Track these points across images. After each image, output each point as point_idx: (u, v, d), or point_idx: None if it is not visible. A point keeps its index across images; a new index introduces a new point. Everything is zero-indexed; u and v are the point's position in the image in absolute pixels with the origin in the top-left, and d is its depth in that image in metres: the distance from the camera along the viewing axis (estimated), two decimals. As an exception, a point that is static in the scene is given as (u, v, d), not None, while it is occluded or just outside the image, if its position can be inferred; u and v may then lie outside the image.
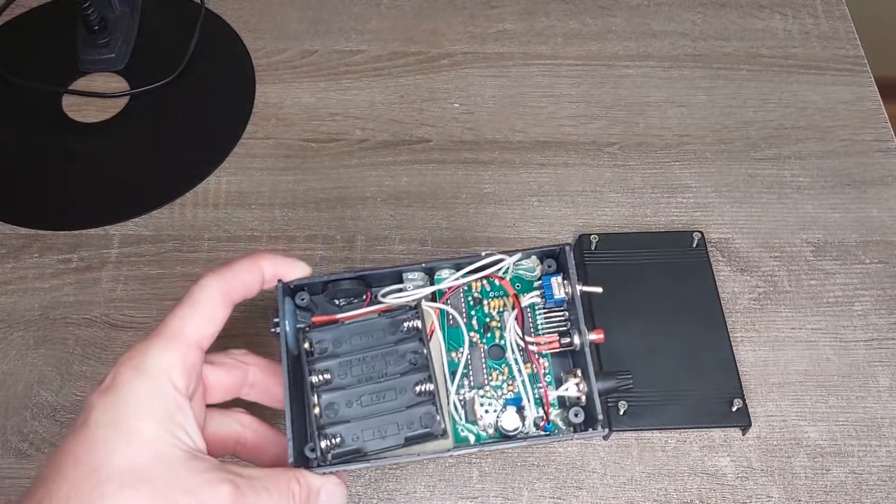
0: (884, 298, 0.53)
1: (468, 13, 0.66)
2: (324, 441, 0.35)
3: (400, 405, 0.37)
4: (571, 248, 0.39)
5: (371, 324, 0.38)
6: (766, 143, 0.60)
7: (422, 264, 0.40)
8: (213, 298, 0.36)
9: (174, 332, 0.35)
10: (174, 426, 0.33)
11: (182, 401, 0.33)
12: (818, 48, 0.65)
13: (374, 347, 0.38)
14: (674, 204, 0.57)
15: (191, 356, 0.35)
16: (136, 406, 0.32)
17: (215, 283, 0.36)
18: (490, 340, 0.40)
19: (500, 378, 0.39)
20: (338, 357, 0.37)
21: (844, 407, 0.49)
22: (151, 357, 0.34)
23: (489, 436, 0.38)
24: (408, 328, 0.38)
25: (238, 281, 0.37)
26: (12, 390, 0.49)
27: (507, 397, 0.39)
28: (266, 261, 0.38)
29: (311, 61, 0.63)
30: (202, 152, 0.59)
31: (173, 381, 0.33)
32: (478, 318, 0.40)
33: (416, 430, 0.36)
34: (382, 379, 0.37)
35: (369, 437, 0.36)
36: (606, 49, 0.65)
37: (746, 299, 0.53)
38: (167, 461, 0.32)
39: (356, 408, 0.37)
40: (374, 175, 0.58)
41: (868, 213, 0.56)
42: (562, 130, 0.60)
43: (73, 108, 0.60)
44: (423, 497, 0.46)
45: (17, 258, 0.54)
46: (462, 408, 0.38)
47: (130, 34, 0.63)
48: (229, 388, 0.38)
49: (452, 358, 0.39)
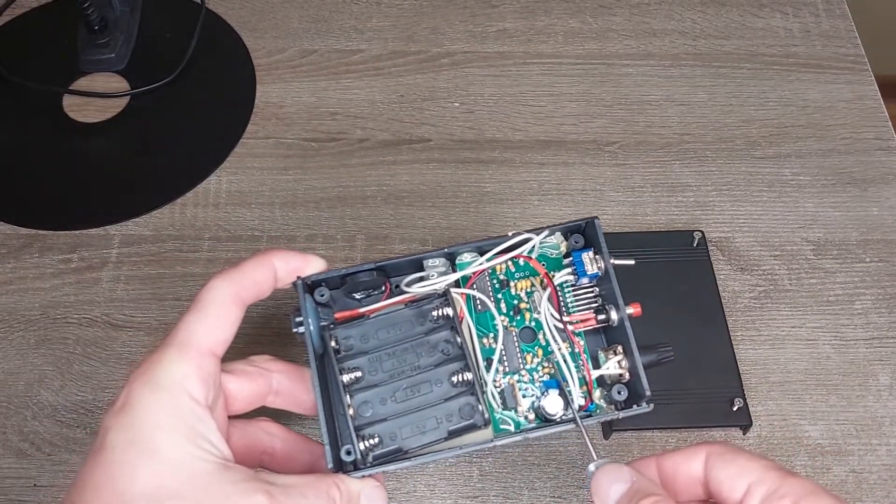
0: (884, 297, 0.53)
1: (468, 12, 0.66)
2: (361, 443, 0.34)
3: (437, 398, 0.35)
4: (599, 222, 0.37)
5: (397, 315, 0.37)
6: (766, 141, 0.60)
7: (443, 249, 0.38)
8: (222, 301, 0.34)
9: (185, 341, 0.33)
10: (198, 438, 0.31)
11: (202, 411, 0.32)
12: (819, 47, 0.65)
13: (403, 340, 0.36)
14: (674, 203, 0.57)
15: (206, 364, 0.33)
16: (154, 423, 0.31)
17: (224, 284, 0.35)
18: (520, 323, 0.38)
19: (534, 361, 0.38)
20: (367, 353, 0.36)
21: (845, 406, 0.49)
22: (164, 369, 0.32)
23: (529, 421, 0.37)
24: (437, 316, 0.36)
25: (248, 280, 0.36)
26: (13, 390, 0.49)
27: (544, 380, 0.37)
28: (277, 258, 0.37)
29: (312, 60, 0.63)
30: (202, 152, 0.59)
31: (190, 391, 0.32)
32: (506, 301, 0.39)
33: (456, 422, 0.35)
34: (416, 372, 0.36)
35: (408, 433, 0.35)
36: (607, 48, 0.65)
37: (747, 298, 0.53)
38: (195, 476, 0.30)
39: (391, 405, 0.35)
40: (374, 174, 0.58)
41: (868, 211, 0.56)
42: (562, 129, 0.60)
43: (74, 108, 0.60)
44: (424, 496, 0.46)
45: (18, 258, 0.54)
46: (500, 395, 0.37)
47: (131, 34, 0.63)
48: (253, 398, 0.37)
49: (484, 344, 0.38)
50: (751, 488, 0.31)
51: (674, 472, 0.33)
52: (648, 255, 0.52)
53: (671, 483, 0.33)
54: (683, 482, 0.33)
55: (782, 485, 0.30)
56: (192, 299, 0.35)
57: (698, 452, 0.33)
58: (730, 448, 0.33)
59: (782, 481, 0.31)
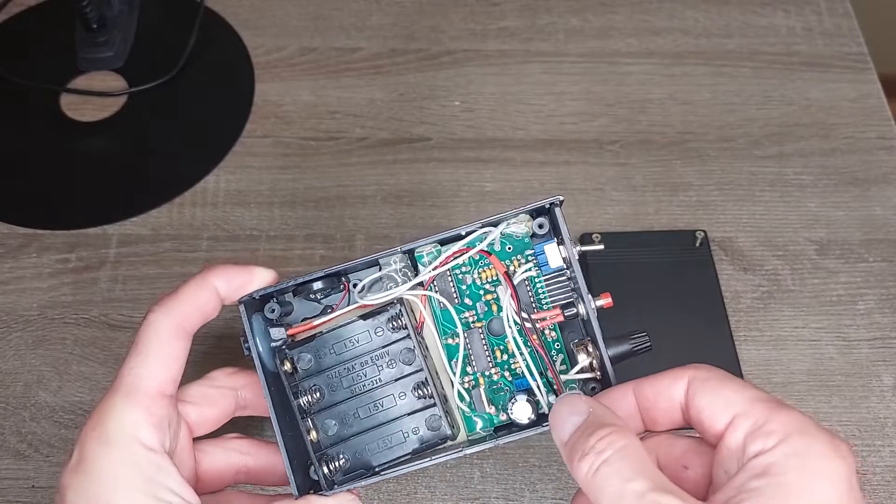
0: (887, 297, 0.52)
1: (469, 10, 0.66)
2: (325, 466, 0.34)
3: (402, 411, 0.34)
4: (561, 205, 0.35)
5: (354, 327, 0.35)
6: (768, 140, 0.59)
7: (398, 248, 0.36)
8: (164, 337, 0.33)
9: (131, 387, 0.32)
10: (156, 489, 0.31)
11: (158, 459, 0.31)
12: (821, 45, 0.64)
13: (361, 354, 0.35)
14: (676, 202, 0.56)
15: (157, 408, 0.32)
16: (109, 481, 0.30)
17: (163, 318, 0.33)
18: (488, 315, 0.37)
19: (504, 356, 0.36)
20: (324, 371, 0.35)
21: (848, 407, 0.49)
22: (114, 421, 0.31)
23: (502, 420, 0.36)
24: (394, 326, 0.35)
25: (188, 307, 0.34)
26: (10, 390, 0.49)
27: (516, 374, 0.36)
28: (217, 277, 0.35)
29: (311, 59, 0.63)
30: (201, 151, 0.58)
31: (143, 441, 0.31)
32: (470, 293, 0.37)
33: (423, 435, 0.34)
34: (377, 386, 0.35)
35: (376, 449, 0.34)
36: (608, 46, 0.64)
37: (749, 298, 0.52)
38: None
39: (355, 422, 0.34)
40: (373, 173, 0.57)
41: (871, 211, 0.56)
42: (563, 128, 0.60)
43: (72, 107, 0.60)
44: (424, 498, 0.46)
45: (16, 258, 0.53)
46: (469, 396, 0.36)
47: (129, 32, 0.63)
48: (219, 419, 0.36)
49: (450, 343, 0.36)
50: (735, 420, 0.29)
51: (654, 397, 0.31)
52: (650, 256, 0.52)
53: (650, 410, 0.31)
54: (663, 408, 0.31)
55: (770, 419, 0.28)
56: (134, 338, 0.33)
57: (680, 377, 0.31)
58: (715, 374, 0.30)
59: (770, 415, 0.28)
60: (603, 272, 0.51)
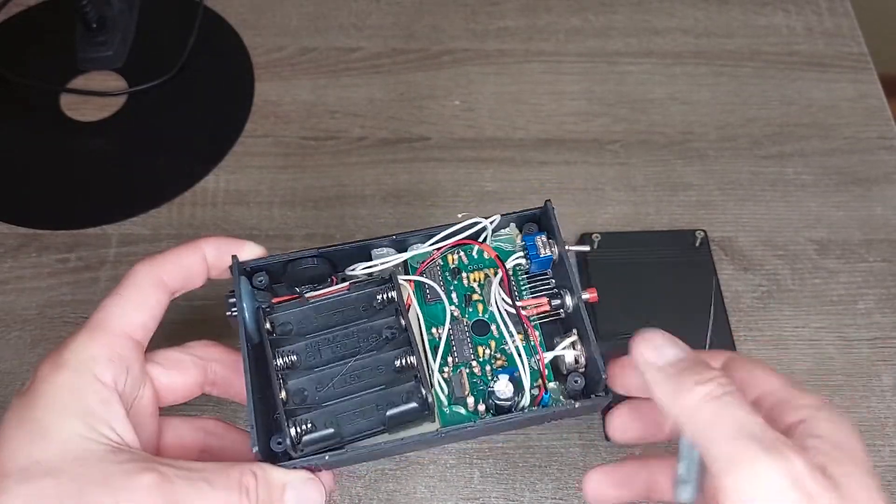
0: (888, 297, 0.52)
1: (469, 9, 0.66)
2: (292, 428, 0.32)
3: (378, 384, 0.33)
4: (553, 207, 0.36)
5: (340, 300, 0.35)
6: (769, 140, 0.59)
7: (392, 236, 0.36)
8: (142, 284, 0.34)
9: (98, 323, 0.33)
10: (95, 421, 0.30)
11: (107, 393, 0.31)
12: (822, 45, 0.64)
13: (344, 325, 0.34)
14: (676, 202, 0.56)
15: (118, 346, 0.32)
16: (50, 403, 0.30)
17: (145, 268, 0.34)
18: (473, 315, 0.37)
19: (486, 353, 0.36)
20: (304, 337, 0.34)
21: (848, 406, 0.49)
22: (72, 350, 0.32)
23: (480, 414, 0.34)
24: (382, 300, 0.34)
25: (172, 265, 0.34)
26: (10, 389, 0.48)
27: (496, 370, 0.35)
28: (208, 244, 0.35)
29: (311, 58, 0.63)
30: (200, 151, 0.58)
31: (96, 373, 0.31)
32: (457, 291, 0.37)
33: (398, 407, 0.32)
34: (356, 358, 0.34)
35: (346, 420, 0.32)
36: (608, 46, 0.64)
37: (749, 298, 0.52)
38: (79, 457, 0.29)
39: (329, 390, 0.33)
40: (373, 173, 0.57)
41: (872, 210, 0.56)
42: (563, 128, 0.60)
43: (71, 107, 0.60)
44: (424, 498, 0.46)
45: (15, 258, 0.53)
46: (447, 386, 0.35)
47: (128, 32, 0.63)
48: (186, 390, 0.36)
49: (434, 335, 0.36)
50: (763, 395, 0.31)
51: None
52: (650, 255, 0.52)
53: None
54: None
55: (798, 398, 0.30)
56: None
57: (718, 356, 0.33)
58: (752, 358, 0.33)
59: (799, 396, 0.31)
60: (603, 272, 0.50)
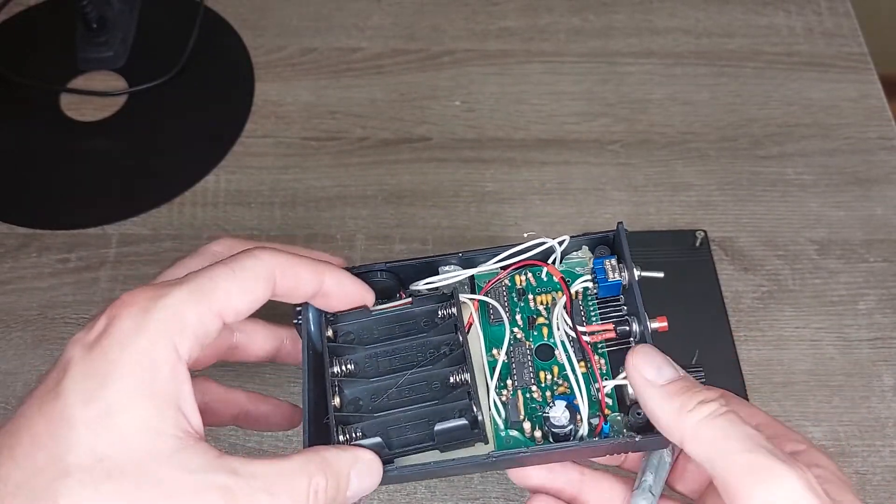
0: (888, 297, 0.52)
1: (470, 10, 0.66)
2: (341, 435, 0.31)
3: (432, 398, 0.33)
4: (625, 229, 0.35)
5: (403, 314, 0.35)
6: (769, 140, 0.59)
7: (459, 254, 0.36)
8: (257, 271, 0.30)
9: (202, 287, 0.28)
10: (166, 404, 0.26)
11: (181, 369, 0.27)
12: (822, 45, 0.64)
13: (405, 338, 0.34)
14: (676, 202, 0.56)
15: (208, 321, 0.28)
16: (126, 374, 0.26)
17: (269, 258, 0.30)
18: (538, 339, 0.35)
19: (549, 379, 0.34)
20: (364, 347, 0.34)
21: (848, 407, 0.49)
22: (165, 305, 0.27)
23: (536, 441, 0.33)
24: (443, 315, 0.34)
25: (291, 272, 0.31)
26: (10, 390, 0.49)
27: (557, 396, 0.34)
28: (332, 276, 0.32)
29: (311, 59, 0.63)
30: (201, 151, 0.58)
31: (176, 342, 0.27)
32: (522, 313, 0.36)
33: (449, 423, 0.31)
34: (412, 372, 0.33)
35: (396, 433, 0.32)
36: (609, 46, 0.64)
37: (750, 298, 0.52)
38: (150, 454, 0.25)
39: (383, 401, 0.33)
40: (374, 173, 0.57)
41: (872, 211, 0.56)
42: (564, 128, 0.60)
43: (72, 107, 0.60)
44: (424, 498, 0.46)
45: (16, 258, 0.53)
46: (504, 409, 0.34)
47: (129, 32, 0.63)
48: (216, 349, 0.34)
49: (494, 356, 0.35)
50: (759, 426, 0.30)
51: None
52: (651, 255, 0.52)
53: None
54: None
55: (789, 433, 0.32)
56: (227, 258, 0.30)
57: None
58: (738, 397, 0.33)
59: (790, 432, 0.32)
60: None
